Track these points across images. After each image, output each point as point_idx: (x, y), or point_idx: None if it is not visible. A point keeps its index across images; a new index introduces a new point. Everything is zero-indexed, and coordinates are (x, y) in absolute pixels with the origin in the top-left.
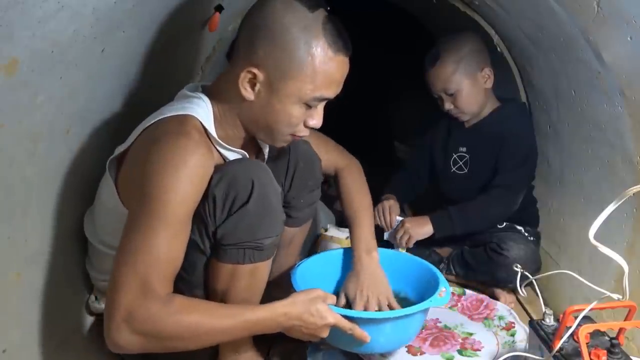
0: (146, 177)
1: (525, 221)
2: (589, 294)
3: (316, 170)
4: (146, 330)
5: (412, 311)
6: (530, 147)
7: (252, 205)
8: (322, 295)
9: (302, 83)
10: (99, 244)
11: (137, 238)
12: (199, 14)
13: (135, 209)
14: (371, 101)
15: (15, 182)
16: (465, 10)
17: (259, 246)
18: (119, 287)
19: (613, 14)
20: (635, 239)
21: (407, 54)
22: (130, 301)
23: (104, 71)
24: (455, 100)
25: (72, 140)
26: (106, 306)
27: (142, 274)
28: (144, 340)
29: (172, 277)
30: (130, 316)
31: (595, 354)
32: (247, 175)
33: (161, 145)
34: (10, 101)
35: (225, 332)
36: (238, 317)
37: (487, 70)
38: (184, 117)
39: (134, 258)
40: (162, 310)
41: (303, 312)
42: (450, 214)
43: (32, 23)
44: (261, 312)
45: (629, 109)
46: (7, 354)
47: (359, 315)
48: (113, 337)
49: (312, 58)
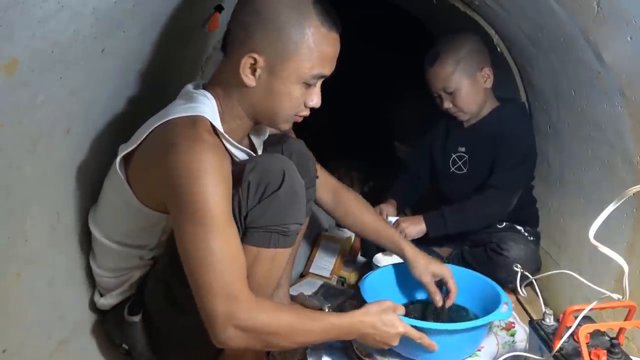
0: (178, 187)
1: (525, 221)
2: (589, 294)
3: (310, 168)
4: (250, 327)
5: (479, 324)
6: (529, 147)
7: (282, 192)
8: (392, 306)
9: (300, 62)
10: (107, 240)
11: (199, 248)
12: (199, 14)
13: (180, 223)
14: (371, 101)
15: (15, 182)
16: (465, 10)
17: (285, 231)
18: (208, 294)
19: (613, 14)
20: (635, 239)
21: (408, 54)
22: (224, 304)
23: (104, 71)
24: (454, 99)
25: (73, 140)
26: (203, 314)
27: (222, 277)
28: (248, 337)
29: (245, 272)
30: (231, 316)
31: (595, 354)
32: (279, 166)
33: (181, 154)
34: (10, 101)
35: (314, 332)
36: (325, 320)
37: (486, 70)
38: (193, 118)
39: (208, 265)
40: (260, 311)
41: (376, 321)
42: (444, 214)
43: (32, 23)
44: (344, 318)
45: (629, 109)
46: (7, 354)
47: (429, 326)
48: (220, 337)
49: (307, 37)
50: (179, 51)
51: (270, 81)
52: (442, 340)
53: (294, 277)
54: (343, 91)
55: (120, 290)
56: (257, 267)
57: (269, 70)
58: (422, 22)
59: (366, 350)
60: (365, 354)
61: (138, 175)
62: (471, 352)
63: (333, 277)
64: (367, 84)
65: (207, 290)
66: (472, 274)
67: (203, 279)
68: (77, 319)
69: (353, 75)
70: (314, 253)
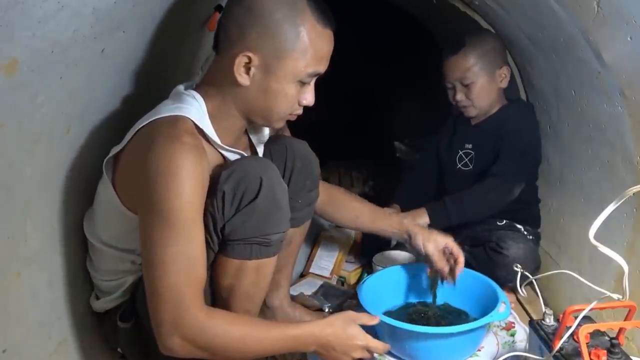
0: (149, 186)
1: (525, 220)
2: (589, 294)
3: (314, 169)
4: (196, 338)
5: (475, 326)
6: (531, 142)
7: (260, 201)
8: (354, 317)
9: (296, 60)
10: (99, 243)
11: (158, 251)
12: (199, 14)
13: (146, 221)
14: (371, 101)
15: (15, 182)
16: (465, 10)
17: (266, 242)
18: (158, 299)
19: (613, 14)
20: (635, 239)
21: (408, 54)
22: (172, 312)
23: (104, 71)
24: (468, 92)
25: (72, 140)
26: (152, 318)
27: (174, 284)
28: (195, 348)
29: (202, 280)
30: (178, 325)
31: (595, 354)
32: (255, 172)
33: (156, 152)
34: (10, 101)
35: (268, 344)
36: (281, 331)
37: (505, 69)
38: (176, 118)
39: (162, 270)
40: (210, 321)
41: (338, 332)
42: (445, 204)
43: (32, 23)
44: (302, 328)
45: (629, 109)
46: (7, 354)
47: (427, 330)
48: (166, 343)
49: (302, 35)
50: (179, 51)
51: (265, 80)
52: (440, 344)
53: (294, 277)
54: (343, 91)
55: (114, 295)
56: (242, 279)
57: (263, 69)
58: (422, 22)
59: None
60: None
61: (122, 176)
62: (470, 353)
63: (333, 277)
64: (367, 83)
65: (157, 294)
66: (470, 273)
67: (156, 283)
68: (77, 319)
69: (353, 75)
70: (314, 253)
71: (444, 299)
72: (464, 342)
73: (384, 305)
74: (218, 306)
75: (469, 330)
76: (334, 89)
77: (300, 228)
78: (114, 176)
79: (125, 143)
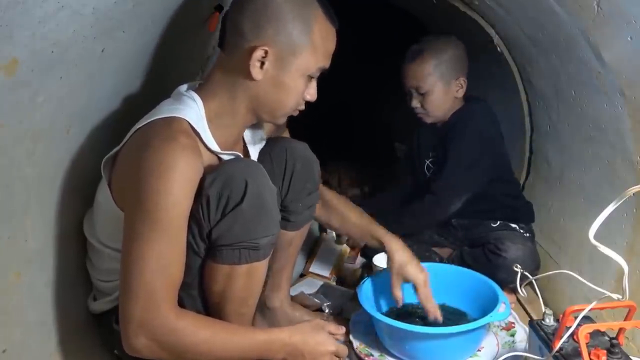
0: (137, 184)
1: (517, 218)
2: (589, 294)
3: (314, 172)
4: (162, 338)
5: (474, 326)
6: (479, 148)
7: (246, 205)
8: (322, 324)
9: (309, 56)
10: (98, 244)
11: (137, 247)
12: (199, 14)
13: (130, 216)
14: (371, 101)
15: (15, 182)
16: (465, 10)
17: (255, 246)
18: (130, 296)
19: (613, 14)
20: (635, 239)
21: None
22: (142, 310)
23: (104, 71)
24: (423, 100)
25: (72, 140)
26: (120, 313)
27: (149, 283)
28: (160, 349)
29: (177, 282)
30: (146, 324)
31: (595, 354)
32: (241, 175)
33: (149, 152)
34: (10, 101)
35: (235, 348)
36: (249, 335)
37: (462, 79)
38: (172, 119)
39: (138, 267)
40: (179, 323)
41: (307, 337)
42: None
43: (32, 23)
44: (271, 333)
45: (629, 109)
46: (7, 354)
47: (426, 330)
48: (131, 342)
49: (315, 31)
50: (179, 51)
51: (278, 75)
52: (440, 344)
53: (294, 277)
54: (343, 91)
55: (111, 297)
56: (233, 283)
57: (277, 64)
58: (422, 22)
59: (366, 350)
60: (365, 354)
61: (117, 176)
62: (471, 353)
63: (333, 277)
64: (367, 84)
65: (131, 291)
66: (470, 273)
67: (131, 279)
68: (77, 319)
69: (353, 75)
70: (314, 253)
71: (443, 300)
72: (464, 342)
73: (384, 305)
74: (211, 311)
75: (469, 330)
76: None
77: (301, 230)
78: (110, 177)
79: (123, 143)
